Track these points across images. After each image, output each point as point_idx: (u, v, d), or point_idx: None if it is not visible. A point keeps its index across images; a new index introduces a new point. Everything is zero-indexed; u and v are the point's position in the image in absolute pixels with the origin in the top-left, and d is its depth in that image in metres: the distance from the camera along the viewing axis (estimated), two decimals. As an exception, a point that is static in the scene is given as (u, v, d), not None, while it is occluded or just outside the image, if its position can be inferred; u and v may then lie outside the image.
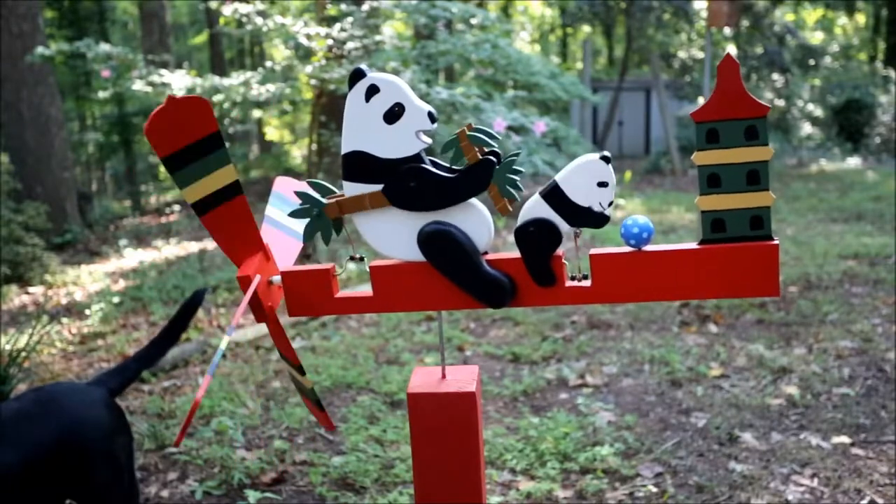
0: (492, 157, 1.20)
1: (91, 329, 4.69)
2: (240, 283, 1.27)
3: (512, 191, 1.21)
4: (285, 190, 1.55)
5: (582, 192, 1.19)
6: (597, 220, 1.19)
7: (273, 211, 1.52)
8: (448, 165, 1.25)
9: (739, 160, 1.15)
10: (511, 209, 1.23)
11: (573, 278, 1.26)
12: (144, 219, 11.19)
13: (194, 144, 1.21)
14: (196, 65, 16.47)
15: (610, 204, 1.19)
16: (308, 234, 1.30)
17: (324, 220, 1.28)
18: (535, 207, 1.21)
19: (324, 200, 1.27)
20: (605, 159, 1.18)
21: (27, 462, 1.67)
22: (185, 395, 3.43)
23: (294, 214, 1.30)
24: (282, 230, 1.48)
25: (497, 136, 1.22)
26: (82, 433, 1.77)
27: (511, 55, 6.71)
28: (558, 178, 1.20)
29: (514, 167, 1.21)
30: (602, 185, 1.18)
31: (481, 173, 1.20)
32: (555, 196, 1.20)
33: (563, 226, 1.21)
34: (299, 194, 1.29)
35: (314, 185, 1.29)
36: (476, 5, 9.21)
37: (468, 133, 1.21)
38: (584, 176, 1.19)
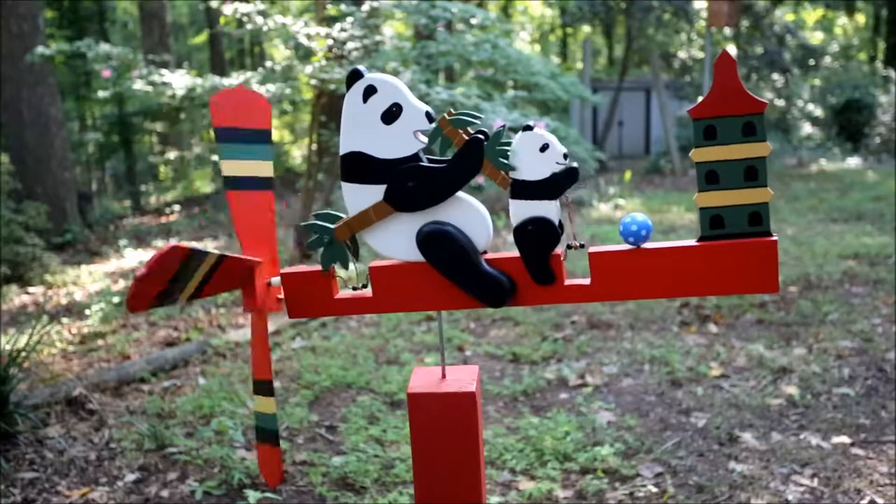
0: (478, 135, 1.20)
1: (91, 329, 4.69)
2: (248, 310, 1.32)
3: (506, 163, 1.22)
4: (226, 118, 1.33)
5: (534, 168, 1.20)
6: (566, 177, 1.20)
7: (229, 166, 1.33)
8: (446, 160, 1.25)
9: (737, 156, 1.15)
10: (510, 181, 1.23)
11: (570, 247, 1.26)
12: (144, 219, 11.19)
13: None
14: (196, 65, 16.46)
15: (565, 156, 1.20)
16: (325, 264, 1.30)
17: (337, 247, 1.28)
18: (516, 210, 1.22)
19: (332, 226, 1.27)
20: (528, 127, 1.20)
21: None
22: (185, 395, 3.43)
23: (308, 246, 1.32)
24: (248, 186, 1.35)
25: (478, 115, 1.22)
26: None
27: (511, 55, 6.72)
28: (512, 172, 1.22)
29: (503, 140, 1.21)
30: (543, 148, 1.20)
31: (472, 152, 1.21)
32: (519, 188, 1.21)
33: (555, 213, 1.21)
34: (308, 226, 1.30)
35: (321, 216, 1.29)
36: (476, 5, 9.21)
37: (449, 118, 1.21)
38: (524, 155, 1.21)
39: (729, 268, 1.18)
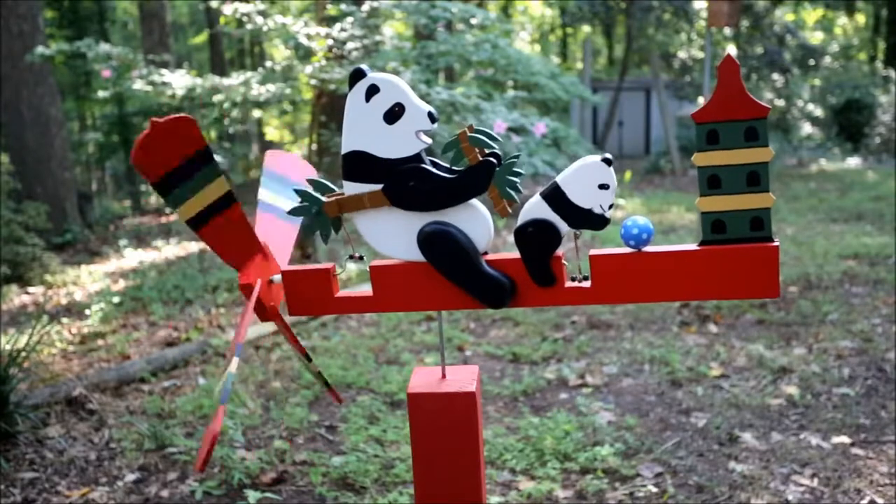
0: (492, 159, 1.20)
1: (91, 329, 4.69)
2: (242, 291, 1.28)
3: (512, 193, 1.22)
4: (276, 166, 1.54)
5: (583, 194, 1.19)
6: (597, 222, 1.19)
7: (266, 194, 1.49)
8: (448, 166, 1.25)
9: (740, 161, 1.15)
10: (510, 211, 1.23)
11: (573, 279, 1.26)
12: (144, 219, 11.19)
13: (183, 164, 1.20)
14: (196, 65, 16.47)
15: (610, 206, 1.19)
16: (307, 233, 1.30)
17: (323, 219, 1.28)
18: (535, 208, 1.21)
19: (323, 198, 1.27)
20: (607, 161, 1.18)
21: None
22: (185, 395, 3.44)
23: (294, 212, 1.30)
24: (276, 213, 1.47)
25: (498, 138, 1.22)
26: None
27: (511, 55, 6.72)
28: (559, 179, 1.20)
29: (515, 169, 1.21)
30: (603, 187, 1.18)
31: (482, 174, 1.20)
32: (556, 197, 1.20)
33: (563, 227, 1.21)
34: (298, 192, 1.29)
35: (314, 183, 1.29)
36: (476, 5, 9.21)
37: (469, 135, 1.21)
38: (585, 178, 1.18)
39: (730, 272, 1.18)
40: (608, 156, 1.19)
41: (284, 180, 1.49)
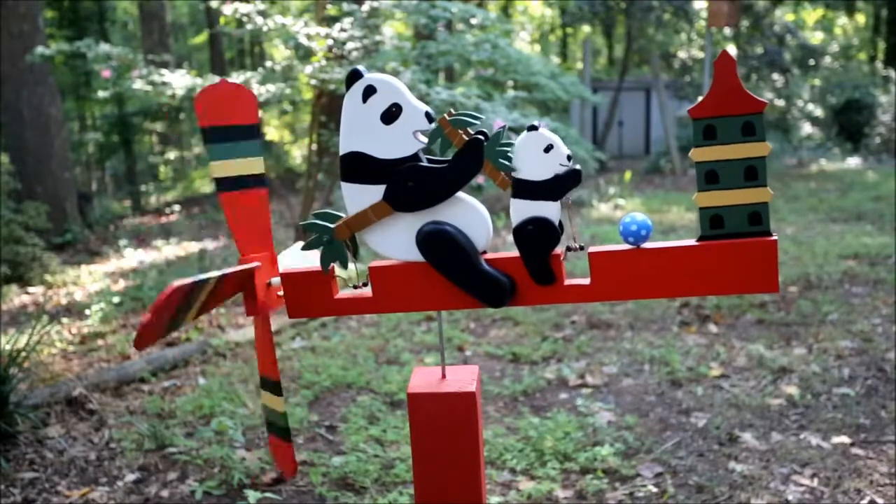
0: (478, 136, 1.20)
1: (91, 329, 4.69)
2: (251, 315, 1.30)
3: (506, 163, 1.22)
4: (211, 117, 1.35)
5: (537, 168, 1.20)
6: (569, 179, 1.20)
7: (218, 167, 1.36)
8: (445, 160, 1.25)
9: (737, 156, 1.15)
10: (510, 182, 1.23)
11: (569, 249, 1.26)
12: (144, 219, 11.19)
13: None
14: (196, 65, 16.46)
15: (569, 158, 1.20)
16: (325, 264, 1.30)
17: (336, 246, 1.28)
18: (517, 210, 1.22)
19: (331, 226, 1.27)
20: (533, 128, 1.20)
21: None
22: (185, 395, 3.43)
23: (307, 247, 1.30)
24: (240, 186, 1.37)
25: (479, 115, 1.22)
26: None
27: (511, 55, 6.72)
28: (514, 173, 1.22)
29: (503, 140, 1.21)
30: (548, 149, 1.19)
31: (472, 153, 1.21)
32: (521, 188, 1.21)
33: (556, 214, 1.21)
34: (307, 226, 1.29)
35: (320, 216, 1.29)
36: (476, 5, 9.21)
37: (449, 119, 1.21)
38: (527, 154, 1.20)
39: (729, 267, 1.18)
40: (531, 123, 1.21)
41: (227, 132, 1.32)
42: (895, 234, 6.29)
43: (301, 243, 1.42)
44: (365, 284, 1.32)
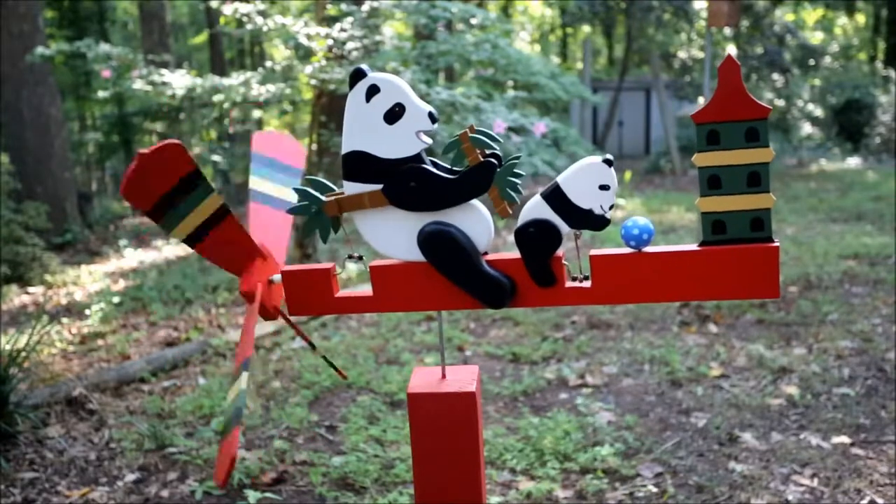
0: (493, 160, 1.20)
1: (91, 329, 4.69)
2: (244, 297, 1.28)
3: (512, 194, 1.22)
4: (265, 149, 1.50)
5: (583, 195, 1.19)
6: (597, 222, 1.19)
7: (257, 182, 1.46)
8: (448, 166, 1.25)
9: (740, 162, 1.15)
10: (511, 212, 1.23)
11: (574, 279, 1.26)
12: (144, 219, 11.19)
13: (173, 190, 1.18)
14: (196, 65, 16.46)
15: (611, 207, 1.19)
16: (307, 231, 1.29)
17: (322, 218, 1.27)
18: (535, 208, 1.21)
19: (323, 198, 1.27)
20: (608, 162, 1.18)
21: None
22: (185, 395, 3.43)
23: (293, 212, 1.30)
24: (270, 203, 1.44)
25: (499, 139, 1.22)
26: None
27: (511, 55, 6.71)
28: (560, 179, 1.20)
29: (515, 170, 1.21)
30: (604, 188, 1.18)
31: (483, 175, 1.21)
32: (556, 197, 1.20)
33: (564, 227, 1.21)
34: (298, 191, 1.29)
35: (313, 183, 1.29)
36: (476, 5, 9.21)
37: (470, 135, 1.21)
38: (586, 178, 1.19)
39: (730, 273, 1.18)
40: (609, 157, 1.19)
41: (274, 163, 1.46)
42: (895, 234, 6.29)
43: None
44: (360, 258, 1.32)
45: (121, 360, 4.04)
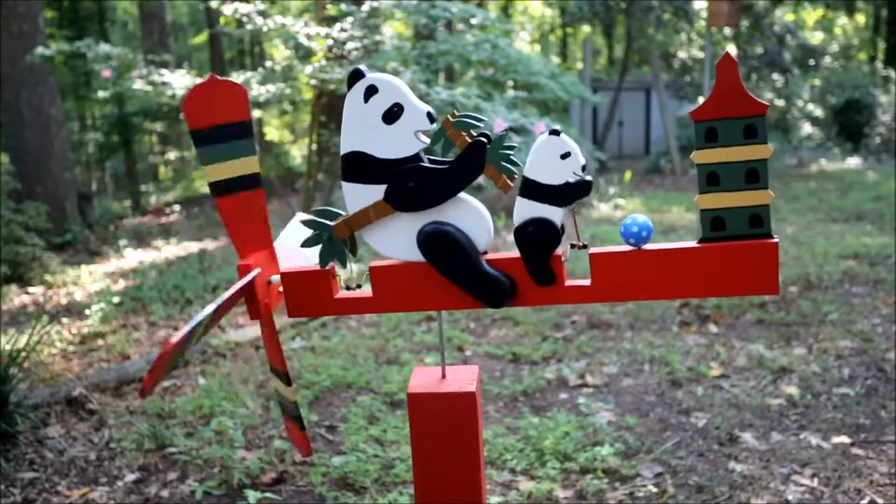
0: (481, 139, 1.20)
1: (91, 329, 4.69)
2: (239, 271, 1.27)
3: (508, 166, 1.22)
4: (204, 116, 1.37)
5: (550, 172, 1.20)
6: (579, 188, 1.20)
7: (214, 170, 1.33)
8: (445, 160, 1.25)
9: (738, 158, 1.15)
10: (512, 185, 1.23)
11: (573, 246, 1.26)
12: (144, 219, 11.19)
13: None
14: (196, 65, 16.46)
15: (583, 168, 1.19)
16: (324, 261, 1.29)
17: (335, 244, 1.28)
18: (521, 209, 1.22)
19: (331, 223, 1.27)
20: (555, 132, 1.19)
21: None
22: (185, 395, 3.43)
23: (306, 244, 1.30)
24: (238, 190, 1.35)
25: (482, 117, 1.22)
26: None
27: (511, 55, 6.72)
28: (524, 171, 1.21)
29: (506, 143, 1.21)
30: (565, 156, 1.19)
31: (474, 155, 1.21)
32: (529, 188, 1.21)
33: (559, 219, 1.21)
34: (306, 223, 1.29)
35: (320, 213, 1.29)
36: (476, 5, 9.21)
37: (452, 121, 1.21)
38: (544, 157, 1.20)
39: (729, 270, 1.18)
40: (555, 127, 1.20)
41: (218, 133, 1.25)
42: (895, 234, 6.29)
43: (301, 215, 1.44)
44: (360, 286, 1.32)
45: (121, 360, 4.04)
